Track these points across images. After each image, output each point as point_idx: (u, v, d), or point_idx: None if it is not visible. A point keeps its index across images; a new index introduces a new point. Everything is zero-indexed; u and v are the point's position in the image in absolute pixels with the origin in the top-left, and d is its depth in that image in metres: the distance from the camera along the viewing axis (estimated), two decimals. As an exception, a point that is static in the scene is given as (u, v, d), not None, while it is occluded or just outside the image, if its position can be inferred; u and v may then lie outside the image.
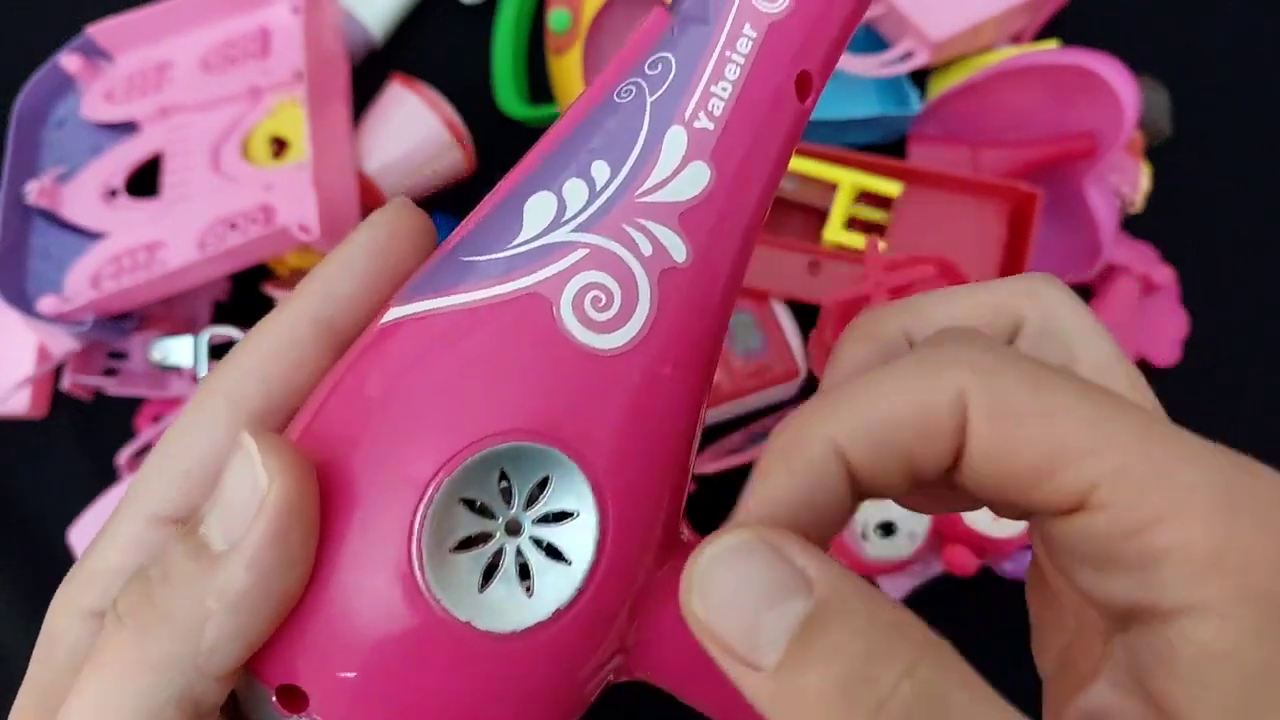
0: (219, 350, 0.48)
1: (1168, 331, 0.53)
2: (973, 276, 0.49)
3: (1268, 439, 0.52)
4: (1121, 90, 0.46)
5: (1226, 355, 0.54)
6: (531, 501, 0.19)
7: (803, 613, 0.15)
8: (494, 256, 0.19)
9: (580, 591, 0.18)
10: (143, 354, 0.54)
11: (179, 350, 0.43)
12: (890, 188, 0.50)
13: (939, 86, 0.55)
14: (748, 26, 0.19)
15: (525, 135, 0.58)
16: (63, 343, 0.53)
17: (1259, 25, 0.59)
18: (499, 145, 0.57)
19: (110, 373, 0.55)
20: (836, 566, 0.16)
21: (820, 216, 0.52)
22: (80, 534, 0.50)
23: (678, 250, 0.19)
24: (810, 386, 0.51)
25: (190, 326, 0.54)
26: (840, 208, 0.51)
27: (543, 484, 0.19)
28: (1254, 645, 0.15)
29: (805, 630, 0.15)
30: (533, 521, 0.19)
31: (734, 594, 0.16)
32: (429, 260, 0.20)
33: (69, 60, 0.53)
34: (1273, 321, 0.55)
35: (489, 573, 0.18)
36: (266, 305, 0.52)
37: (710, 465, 0.50)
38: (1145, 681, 0.16)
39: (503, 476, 0.18)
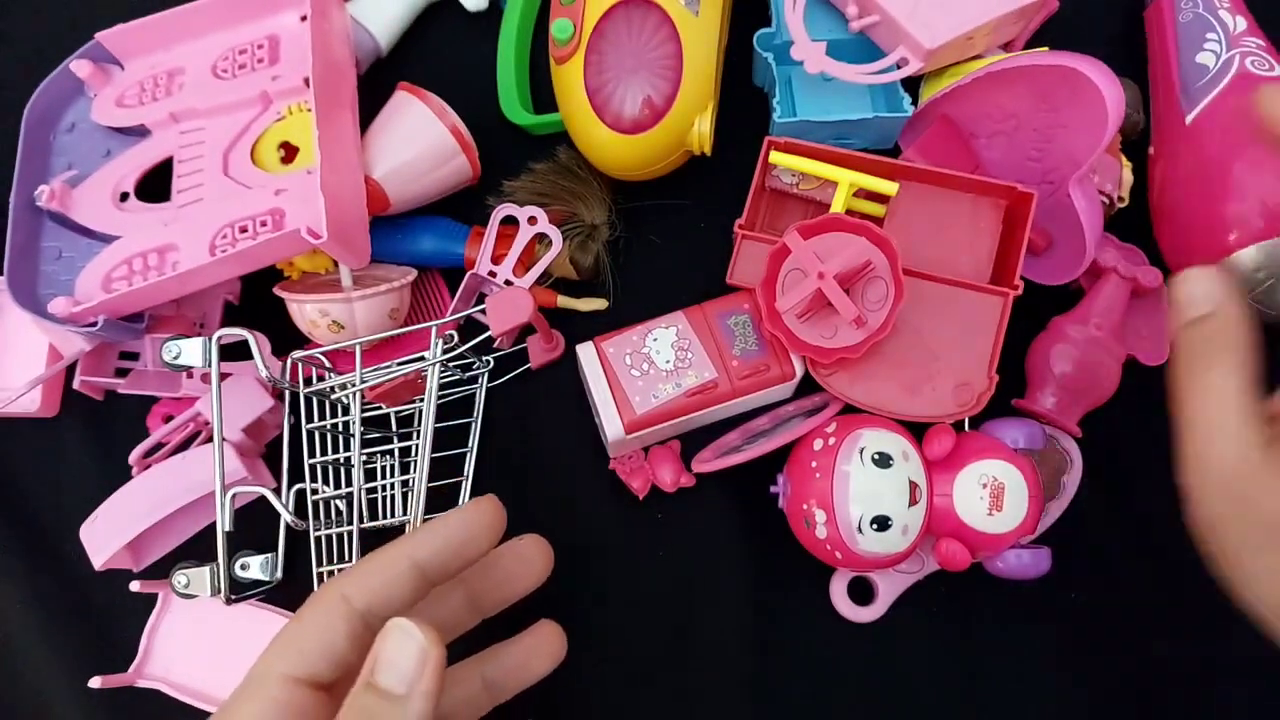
0: (230, 351, 0.48)
1: (1155, 331, 0.54)
2: (967, 273, 0.50)
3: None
4: (1105, 89, 0.46)
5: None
6: None
7: None
8: None
9: None
10: (154, 354, 0.55)
11: (190, 350, 0.43)
12: (887, 187, 0.51)
13: (930, 92, 0.56)
14: None
15: (529, 142, 0.59)
16: (73, 343, 0.54)
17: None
18: (503, 152, 0.58)
19: (121, 373, 0.56)
20: None
21: (820, 210, 0.53)
22: (91, 531, 0.49)
23: None
24: (805, 386, 0.52)
25: (201, 327, 0.55)
26: (839, 205, 0.51)
27: None
28: None
29: None
30: None
31: None
32: None
33: (79, 66, 0.54)
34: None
35: None
36: (277, 306, 0.53)
37: (709, 465, 0.51)
38: None
39: None
